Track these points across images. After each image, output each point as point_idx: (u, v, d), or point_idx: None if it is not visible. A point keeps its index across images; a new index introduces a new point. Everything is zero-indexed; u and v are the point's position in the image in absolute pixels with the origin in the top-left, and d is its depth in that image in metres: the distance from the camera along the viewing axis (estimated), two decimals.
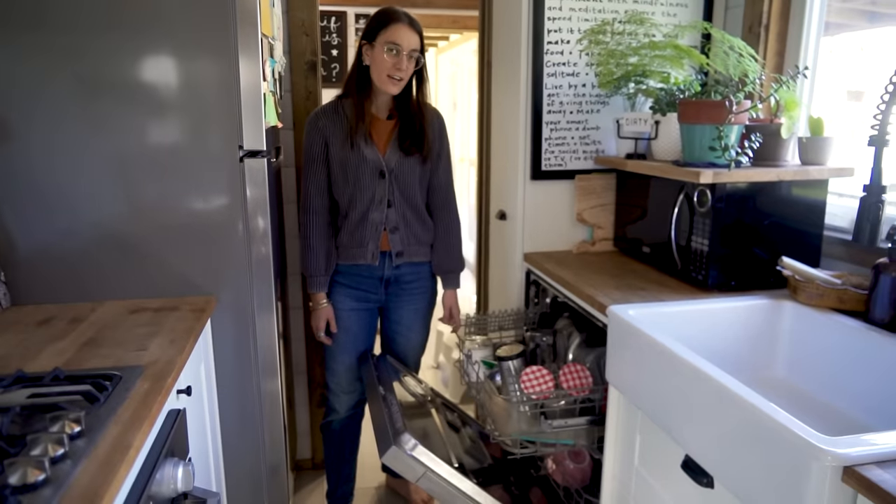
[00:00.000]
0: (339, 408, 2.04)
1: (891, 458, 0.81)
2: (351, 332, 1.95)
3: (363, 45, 1.77)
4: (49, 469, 0.77)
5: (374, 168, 1.80)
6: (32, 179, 1.42)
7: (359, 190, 1.81)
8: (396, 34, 1.71)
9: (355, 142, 1.78)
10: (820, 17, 1.80)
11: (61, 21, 1.36)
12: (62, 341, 1.22)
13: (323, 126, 1.80)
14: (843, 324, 1.35)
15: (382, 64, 1.72)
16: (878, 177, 1.03)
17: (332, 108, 1.83)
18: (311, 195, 1.84)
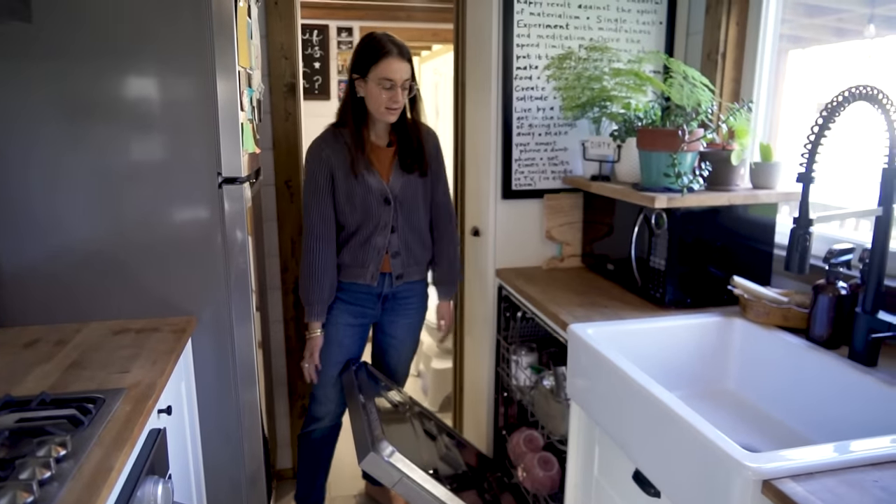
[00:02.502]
0: (324, 417, 2.09)
1: (804, 472, 0.90)
2: (344, 345, 2.01)
3: (355, 78, 1.80)
4: (37, 491, 0.83)
5: (379, 196, 1.85)
6: (14, 202, 1.48)
7: (366, 217, 1.86)
8: (389, 69, 1.74)
9: (358, 172, 1.81)
10: (773, 45, 1.90)
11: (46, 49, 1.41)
12: (48, 364, 1.28)
13: (327, 157, 1.81)
14: (786, 340, 1.44)
15: (378, 98, 1.76)
16: (805, 210, 1.12)
17: (331, 136, 1.84)
18: (316, 224, 1.85)
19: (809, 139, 1.12)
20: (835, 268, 1.38)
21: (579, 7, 2.02)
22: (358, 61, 1.79)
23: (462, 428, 2.70)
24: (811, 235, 1.13)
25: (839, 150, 1.70)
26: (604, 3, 2.04)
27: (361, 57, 1.78)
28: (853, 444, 0.97)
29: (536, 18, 1.99)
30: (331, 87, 4.39)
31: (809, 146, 1.11)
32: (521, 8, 1.97)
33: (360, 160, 1.81)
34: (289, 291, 2.38)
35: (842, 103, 1.12)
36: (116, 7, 1.43)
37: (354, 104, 1.82)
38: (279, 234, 2.32)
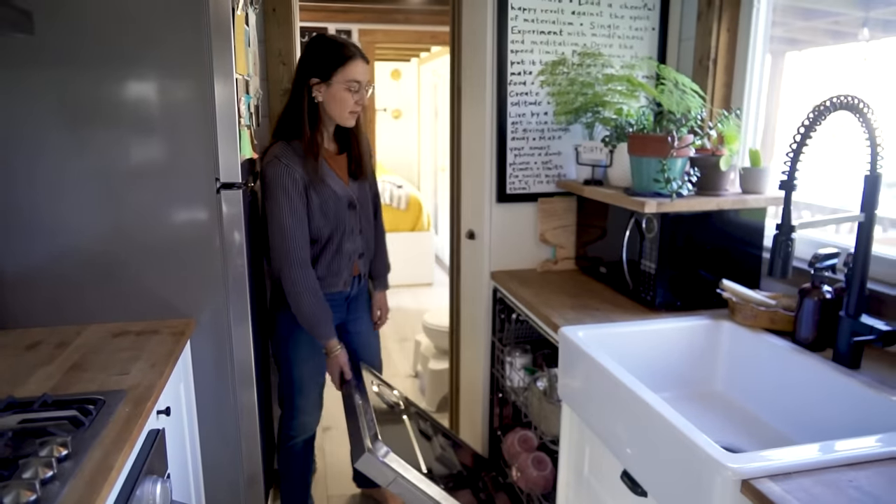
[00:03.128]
0: (309, 427, 2.10)
1: (782, 473, 0.93)
2: (319, 356, 2.01)
3: (314, 83, 1.74)
4: (39, 490, 0.86)
5: (345, 201, 1.87)
6: (16, 206, 1.51)
7: (337, 224, 1.87)
8: (355, 71, 1.74)
9: (325, 180, 1.81)
10: (763, 52, 1.93)
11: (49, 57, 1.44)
12: (49, 366, 1.31)
13: (300, 176, 1.76)
14: (772, 343, 1.47)
15: (344, 102, 1.75)
16: (787, 218, 1.15)
17: (290, 151, 1.77)
18: (299, 248, 1.78)
19: (791, 148, 1.15)
20: (820, 272, 1.41)
21: (573, 13, 2.05)
22: (317, 64, 1.74)
23: (458, 428, 2.73)
24: (793, 241, 1.16)
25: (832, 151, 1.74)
26: (597, 9, 2.07)
27: (323, 60, 1.73)
28: (830, 445, 1.00)
29: (530, 25, 2.02)
30: None
31: (791, 155, 1.14)
32: (514, 14, 2.00)
33: (325, 169, 1.82)
34: None
35: (823, 113, 1.15)
36: (117, 17, 1.46)
37: (309, 111, 1.76)
38: None
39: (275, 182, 1.75)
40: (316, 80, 1.75)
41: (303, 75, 1.76)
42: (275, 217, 1.77)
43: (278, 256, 1.79)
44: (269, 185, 1.76)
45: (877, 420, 1.20)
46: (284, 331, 1.96)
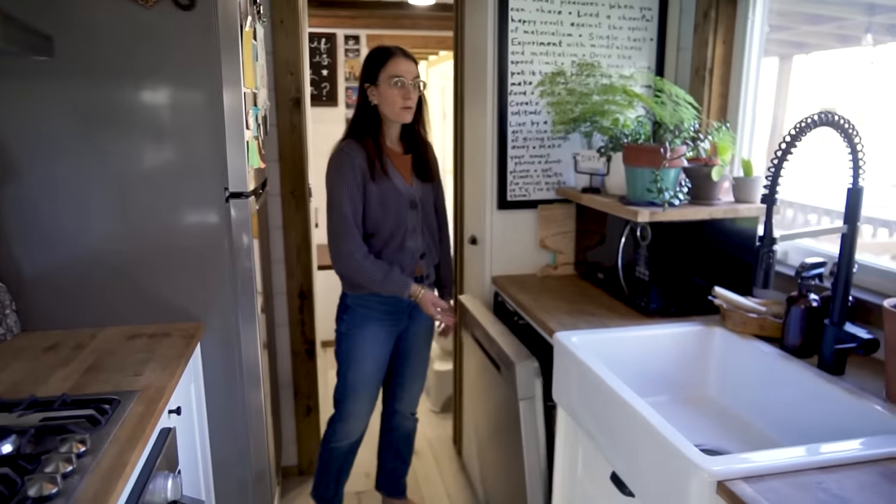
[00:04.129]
0: (354, 433, 2.14)
1: (755, 475, 0.98)
2: (380, 361, 2.07)
3: (367, 87, 1.90)
4: (61, 483, 0.93)
5: (407, 199, 1.94)
6: (36, 215, 1.59)
7: (398, 221, 1.93)
8: (397, 67, 1.86)
9: (388, 175, 1.90)
10: (758, 63, 1.97)
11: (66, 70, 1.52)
12: (67, 367, 1.39)
13: (359, 164, 1.86)
14: (760, 349, 1.52)
15: (393, 98, 1.86)
16: (769, 230, 1.20)
17: (355, 145, 1.89)
18: (354, 226, 1.87)
19: (773, 163, 1.20)
20: (806, 281, 1.46)
21: (572, 25, 2.10)
22: (367, 70, 1.90)
23: (462, 428, 2.79)
24: (775, 253, 1.21)
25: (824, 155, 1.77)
26: (596, 21, 2.12)
27: (369, 65, 1.89)
28: (805, 449, 1.05)
29: (530, 36, 2.08)
30: (338, 93, 4.49)
31: (773, 169, 1.19)
32: (515, 27, 2.06)
33: (387, 164, 1.91)
34: (294, 296, 2.48)
35: (804, 129, 1.19)
36: (130, 34, 1.54)
37: (369, 114, 1.91)
38: (285, 241, 2.42)
39: (335, 167, 1.87)
40: (368, 84, 1.89)
41: (361, 83, 1.92)
42: (332, 199, 1.88)
43: (334, 236, 1.88)
44: (330, 171, 1.89)
45: (856, 425, 1.24)
46: (344, 326, 2.03)
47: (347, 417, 2.11)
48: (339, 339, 2.07)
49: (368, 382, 2.07)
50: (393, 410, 2.26)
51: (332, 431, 2.16)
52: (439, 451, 2.92)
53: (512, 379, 1.78)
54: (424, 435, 3.04)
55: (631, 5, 2.14)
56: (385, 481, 2.38)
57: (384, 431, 2.32)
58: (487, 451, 2.29)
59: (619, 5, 2.13)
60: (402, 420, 2.29)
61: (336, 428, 2.14)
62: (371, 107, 1.91)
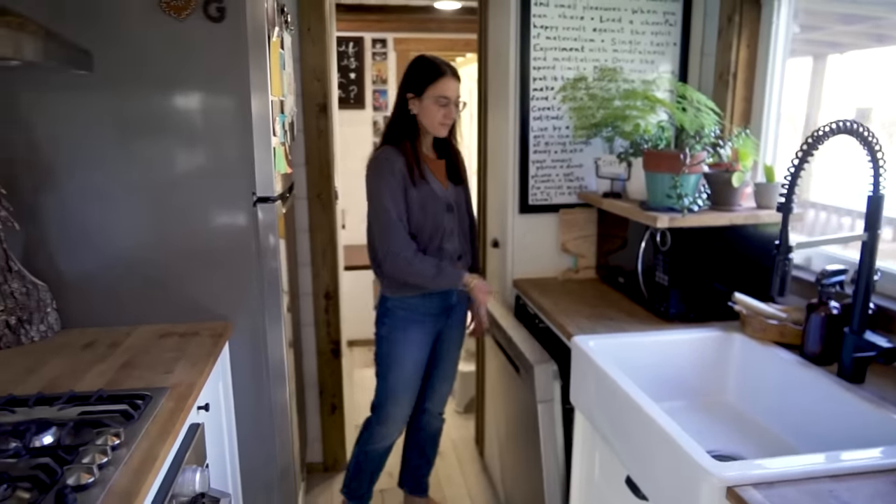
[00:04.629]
0: (392, 436, 2.18)
1: (766, 482, 0.99)
2: (420, 364, 2.10)
3: (409, 97, 1.93)
4: (97, 473, 0.99)
5: (443, 203, 1.98)
6: (75, 219, 1.67)
7: (436, 225, 1.97)
8: (445, 88, 1.89)
9: (426, 180, 1.94)
10: (783, 66, 1.96)
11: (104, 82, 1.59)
12: (103, 364, 1.46)
13: (399, 169, 1.90)
14: (780, 356, 1.52)
15: (434, 114, 1.90)
16: (785, 238, 1.20)
17: (394, 151, 1.93)
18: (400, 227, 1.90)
19: (789, 171, 1.20)
20: (827, 288, 1.45)
21: (594, 30, 2.11)
22: (413, 81, 1.92)
23: (484, 429, 2.82)
24: (791, 261, 1.21)
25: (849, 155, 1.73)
26: (618, 26, 2.13)
27: (417, 77, 1.92)
28: (819, 457, 1.05)
29: (552, 42, 2.10)
30: (366, 96, 4.55)
31: (789, 178, 1.20)
32: (537, 33, 2.08)
33: (425, 169, 1.95)
34: (320, 296, 2.54)
35: (821, 138, 1.19)
36: (164, 46, 1.60)
37: (407, 121, 1.95)
38: (311, 243, 2.48)
39: (376, 171, 1.91)
40: (411, 94, 1.93)
41: (402, 90, 1.95)
42: (375, 202, 1.91)
43: (382, 237, 1.90)
44: (371, 176, 1.92)
45: (874, 434, 1.23)
46: (385, 329, 2.06)
47: (387, 420, 2.13)
48: (379, 342, 2.09)
49: (409, 386, 2.10)
50: (422, 409, 2.28)
51: (370, 434, 2.17)
52: (462, 452, 2.96)
53: (530, 381, 1.80)
54: (448, 435, 3.08)
55: (654, 10, 2.14)
56: (408, 479, 2.42)
57: (411, 430, 2.35)
58: (507, 453, 2.32)
59: (641, 10, 2.13)
60: (430, 419, 2.32)
61: (374, 431, 2.16)
62: (410, 115, 1.95)
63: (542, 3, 2.06)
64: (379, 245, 1.93)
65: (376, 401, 2.14)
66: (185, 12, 1.58)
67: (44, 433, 1.11)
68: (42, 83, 1.58)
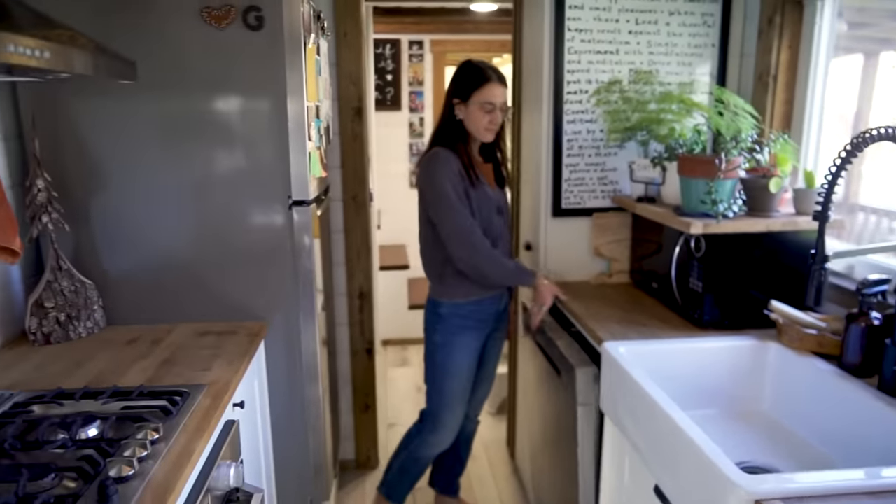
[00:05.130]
0: (446, 443, 2.16)
1: (795, 496, 0.98)
2: (473, 370, 2.10)
3: (455, 102, 1.94)
4: (137, 466, 1.04)
5: (495, 205, 2.00)
6: (121, 220, 1.74)
7: (488, 227, 1.97)
8: (491, 94, 1.90)
9: (481, 182, 1.96)
10: (825, 69, 1.91)
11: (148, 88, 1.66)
12: (145, 360, 1.52)
13: (458, 168, 1.91)
14: (818, 367, 1.48)
15: (480, 120, 1.92)
16: (821, 248, 1.18)
17: (448, 153, 1.93)
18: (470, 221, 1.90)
19: (826, 178, 1.17)
20: (868, 298, 1.41)
21: (629, 33, 2.09)
22: (459, 86, 1.93)
23: (515, 431, 2.82)
24: (826, 271, 1.18)
25: None
26: (654, 28, 2.10)
27: (463, 83, 1.92)
28: (851, 472, 1.03)
29: (587, 45, 2.08)
30: (402, 98, 4.59)
31: (826, 185, 1.17)
32: (571, 36, 2.07)
33: (478, 172, 1.96)
34: (354, 297, 2.58)
35: (860, 145, 1.16)
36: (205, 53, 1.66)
37: (454, 126, 1.96)
38: (346, 244, 2.52)
39: (435, 170, 1.90)
40: (457, 99, 1.94)
41: (449, 95, 1.96)
42: (437, 191, 1.89)
43: (450, 234, 1.90)
44: (429, 172, 1.92)
45: None
46: (439, 336, 2.04)
47: (442, 429, 2.11)
48: (433, 350, 2.07)
49: (464, 394, 2.10)
50: None
51: (422, 441, 2.16)
52: (493, 453, 2.96)
53: (572, 384, 1.79)
54: (480, 436, 3.07)
55: (692, 11, 2.11)
56: (440, 479, 2.44)
57: None
58: (541, 456, 2.32)
59: (679, 12, 2.10)
60: (467, 423, 2.31)
61: (428, 439, 2.14)
62: (456, 120, 1.96)
63: (577, 7, 2.05)
64: (450, 233, 1.90)
65: (430, 409, 2.12)
66: (226, 21, 1.63)
67: (89, 426, 1.17)
68: (90, 90, 1.65)
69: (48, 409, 1.26)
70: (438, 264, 2.02)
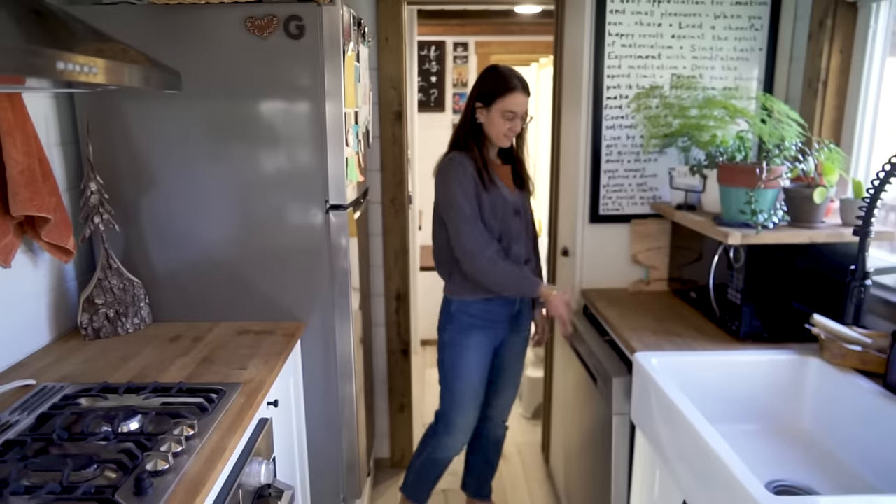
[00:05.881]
0: (461, 443, 2.16)
1: None
2: (485, 370, 2.09)
3: (478, 106, 1.95)
4: (171, 461, 1.09)
5: (511, 207, 2.00)
6: (169, 221, 1.82)
7: (504, 228, 1.98)
8: (514, 103, 1.90)
9: (495, 184, 1.96)
10: (880, 74, 1.83)
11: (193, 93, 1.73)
12: (186, 357, 1.59)
13: (472, 173, 1.92)
14: (860, 385, 1.42)
15: (500, 126, 1.93)
16: (861, 263, 1.13)
17: (465, 157, 1.95)
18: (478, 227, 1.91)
19: (869, 192, 1.13)
20: None
21: (672, 37, 2.05)
22: (483, 92, 1.94)
23: (550, 436, 2.81)
24: (867, 288, 1.14)
25: None
26: (699, 32, 2.05)
27: (487, 89, 1.93)
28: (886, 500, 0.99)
29: (627, 50, 2.06)
30: (446, 99, 4.62)
31: (868, 199, 1.13)
32: (612, 41, 2.05)
33: (494, 174, 1.98)
34: (391, 298, 2.61)
35: None
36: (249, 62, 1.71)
37: (474, 129, 1.98)
38: (384, 246, 2.56)
39: (448, 175, 1.93)
40: (480, 104, 1.95)
41: (472, 98, 1.97)
42: (450, 200, 1.92)
43: (461, 237, 1.91)
44: (444, 179, 1.94)
45: None
46: (447, 335, 2.06)
47: (454, 430, 2.12)
48: (442, 348, 2.09)
49: (474, 394, 2.10)
50: (484, 417, 2.27)
51: (437, 443, 2.16)
52: (527, 458, 2.96)
53: (608, 393, 1.77)
54: (514, 440, 3.09)
55: (738, 14, 2.05)
56: (471, 482, 2.45)
57: (475, 436, 2.34)
58: (575, 463, 2.30)
59: (724, 15, 2.05)
60: (493, 428, 2.32)
61: (442, 441, 2.15)
62: (476, 123, 1.97)
63: (618, 11, 2.03)
64: (457, 243, 1.93)
65: (442, 410, 2.15)
66: (268, 31, 1.68)
67: (130, 420, 1.23)
68: (142, 97, 1.73)
69: (94, 402, 1.33)
70: (448, 262, 2.04)
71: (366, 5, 2.34)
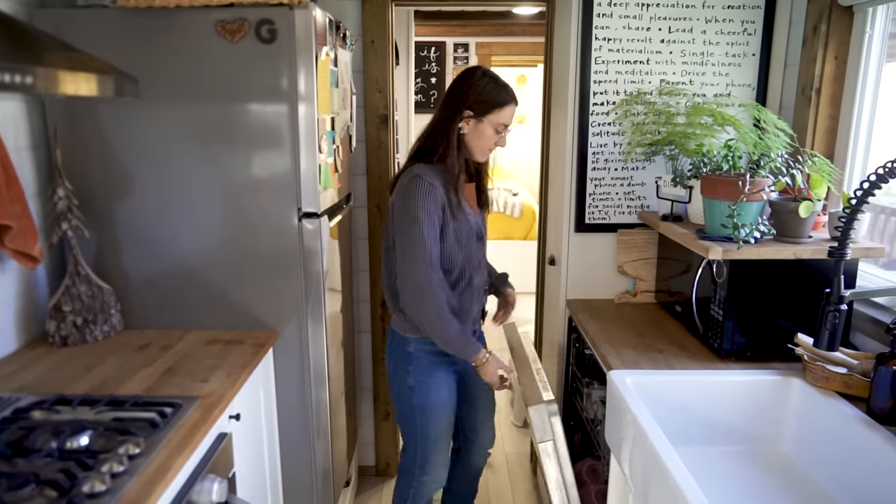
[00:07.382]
0: (443, 479, 1.98)
1: None
2: (452, 405, 1.89)
3: (467, 115, 1.69)
4: (109, 482, 1.06)
5: (475, 232, 1.79)
6: (138, 225, 1.78)
7: (468, 256, 1.76)
8: (509, 116, 1.71)
9: (463, 210, 1.73)
10: (876, 82, 1.76)
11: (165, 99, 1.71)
12: (150, 367, 1.55)
13: (441, 195, 1.67)
14: (842, 410, 1.36)
15: (488, 140, 1.71)
16: (836, 287, 1.07)
17: (432, 173, 1.68)
18: (436, 267, 1.68)
19: (846, 213, 1.07)
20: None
21: (661, 42, 1.99)
22: (477, 100, 1.68)
23: None
24: (842, 313, 1.08)
25: None
26: (689, 36, 1.99)
27: (484, 97, 1.68)
28: None
29: (615, 55, 2.00)
30: None
31: (845, 221, 1.07)
32: (598, 45, 1.99)
33: (462, 197, 1.73)
34: (377, 304, 2.57)
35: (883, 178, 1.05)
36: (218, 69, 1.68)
37: (459, 140, 1.71)
38: (370, 251, 2.52)
39: (416, 197, 1.65)
40: (470, 113, 1.69)
41: (457, 105, 1.70)
42: (411, 234, 1.65)
43: (413, 274, 1.66)
44: (409, 200, 1.66)
45: None
46: (412, 378, 1.82)
47: (433, 469, 1.94)
48: (407, 394, 1.84)
49: (448, 431, 1.92)
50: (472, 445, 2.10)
51: (419, 486, 1.95)
52: (515, 468, 2.91)
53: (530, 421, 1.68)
54: (503, 449, 3.04)
55: (730, 19, 1.99)
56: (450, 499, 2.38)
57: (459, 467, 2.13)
58: None
59: (716, 19, 1.98)
60: (478, 456, 2.13)
61: (423, 482, 1.95)
62: (461, 134, 1.71)
63: (606, 14, 1.97)
64: (409, 279, 1.67)
65: (416, 454, 1.90)
66: (239, 35, 1.64)
67: (79, 436, 1.19)
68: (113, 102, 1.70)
69: (47, 416, 1.30)
70: None
71: (351, 7, 2.30)
